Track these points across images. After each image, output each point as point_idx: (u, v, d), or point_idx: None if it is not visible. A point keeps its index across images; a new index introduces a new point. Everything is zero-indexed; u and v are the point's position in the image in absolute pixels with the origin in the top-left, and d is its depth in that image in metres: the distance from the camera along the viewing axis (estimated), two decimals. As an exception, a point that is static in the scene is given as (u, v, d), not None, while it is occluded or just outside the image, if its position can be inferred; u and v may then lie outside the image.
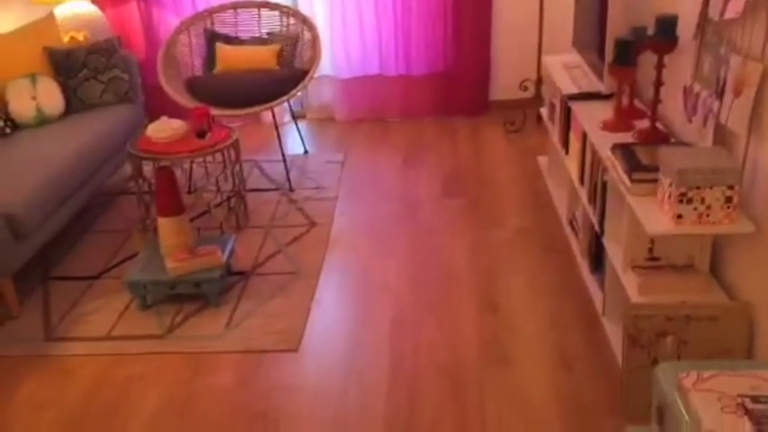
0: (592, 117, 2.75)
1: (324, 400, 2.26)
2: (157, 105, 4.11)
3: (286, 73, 3.79)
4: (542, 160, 3.88)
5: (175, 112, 3.51)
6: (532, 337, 2.52)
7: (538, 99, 4.39)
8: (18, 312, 2.76)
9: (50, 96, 3.48)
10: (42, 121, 3.45)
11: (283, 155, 3.85)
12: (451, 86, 4.59)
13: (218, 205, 3.54)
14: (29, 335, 2.64)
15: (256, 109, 3.64)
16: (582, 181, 2.82)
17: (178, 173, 3.74)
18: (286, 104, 4.39)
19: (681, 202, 1.94)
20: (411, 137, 4.40)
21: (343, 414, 2.21)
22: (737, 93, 1.98)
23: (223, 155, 3.23)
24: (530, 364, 2.38)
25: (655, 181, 2.11)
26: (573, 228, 3.11)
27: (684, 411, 1.41)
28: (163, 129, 3.11)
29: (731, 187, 1.91)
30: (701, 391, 1.41)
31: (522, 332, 2.55)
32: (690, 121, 2.33)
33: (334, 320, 2.67)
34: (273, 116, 3.89)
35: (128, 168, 3.68)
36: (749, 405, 1.36)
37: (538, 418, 2.14)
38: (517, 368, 2.37)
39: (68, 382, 2.40)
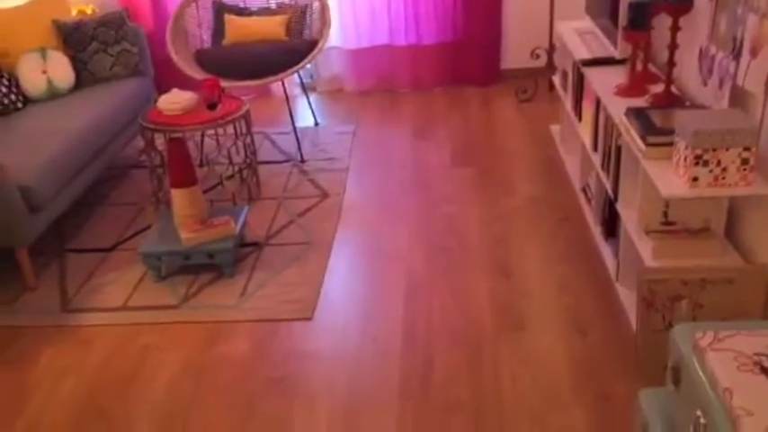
0: (605, 82, 2.72)
1: (339, 366, 2.28)
2: (167, 78, 4.12)
3: (295, 44, 3.76)
4: (555, 129, 3.85)
5: (185, 84, 3.50)
6: (546, 302, 2.52)
7: (550, 67, 4.34)
8: (35, 284, 2.79)
9: (61, 70, 3.47)
10: (53, 94, 3.46)
11: (294, 126, 3.84)
12: (462, 56, 4.55)
13: (230, 177, 3.54)
14: (46, 306, 2.67)
15: (266, 80, 3.62)
16: (595, 147, 2.80)
17: (190, 146, 3.74)
18: (296, 77, 4.38)
19: (696, 164, 1.92)
20: (421, 107, 4.38)
21: (358, 379, 2.22)
22: (755, 53, 1.95)
23: (234, 126, 3.22)
24: (543, 329, 2.38)
25: (670, 144, 2.09)
26: (586, 195, 3.09)
27: (700, 371, 1.41)
28: (174, 101, 3.11)
29: (747, 149, 1.89)
30: (717, 350, 1.41)
31: (535, 298, 2.55)
32: (705, 83, 2.30)
33: (347, 289, 2.68)
34: (284, 88, 3.87)
35: (140, 142, 3.69)
36: (766, 363, 1.36)
37: (552, 382, 2.15)
38: (531, 333, 2.37)
39: (87, 351, 2.43)
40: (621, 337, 2.32)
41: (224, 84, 3.47)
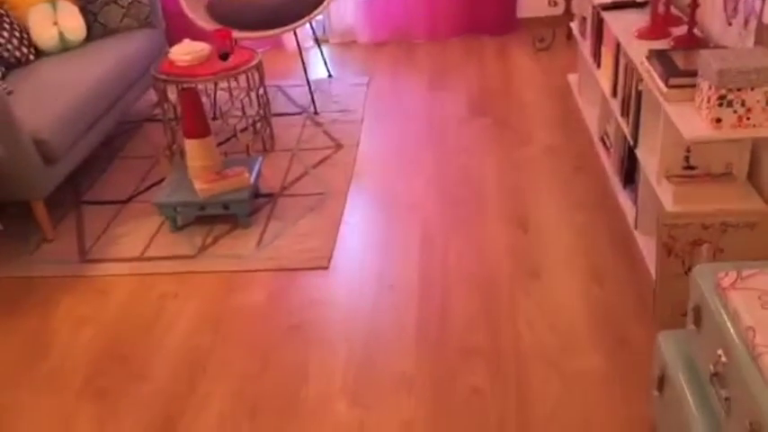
0: (626, 26, 2.65)
1: (356, 313, 2.29)
2: (178, 30, 4.06)
3: (308, -7, 3.69)
4: (572, 78, 3.78)
5: (197, 37, 3.44)
6: (563, 250, 2.50)
7: (568, 15, 4.24)
8: (52, 236, 2.80)
9: (72, 21, 3.43)
10: (65, 46, 3.43)
11: (307, 78, 3.79)
12: (478, 4, 4.46)
13: (243, 130, 3.52)
14: (64, 257, 2.69)
15: (278, 31, 3.57)
16: (614, 93, 2.74)
17: (203, 98, 3.72)
18: (308, 29, 4.32)
19: (720, 105, 1.87)
20: (436, 58, 4.31)
21: (375, 325, 2.23)
22: (783, -12, 1.88)
23: (247, 77, 3.18)
24: (560, 277, 2.37)
25: (692, 86, 2.03)
26: (604, 144, 3.04)
27: (722, 310, 1.39)
28: (186, 51, 3.07)
29: (774, 88, 1.84)
30: (740, 289, 1.39)
31: (552, 246, 2.53)
32: (730, 23, 2.23)
33: (363, 238, 2.67)
34: (296, 38, 3.82)
35: (152, 95, 3.67)
36: (790, 301, 1.34)
37: (568, 328, 2.15)
38: (548, 280, 2.36)
39: (105, 300, 2.45)
40: (639, 284, 2.31)
41: (236, 35, 3.43)
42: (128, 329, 2.31)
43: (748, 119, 1.88)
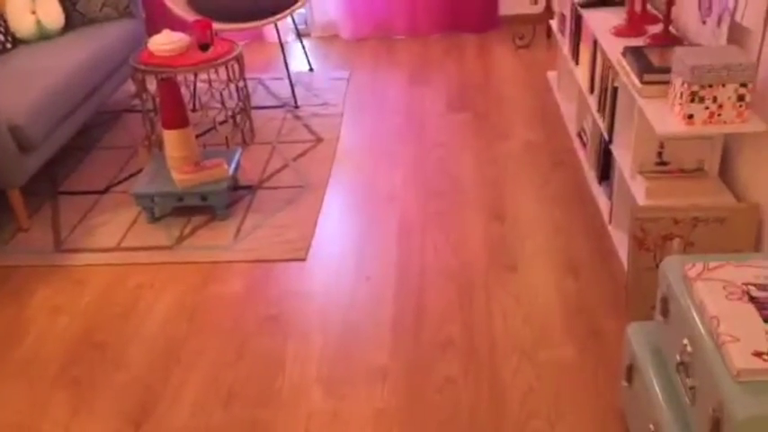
0: (603, 24, 2.68)
1: (333, 305, 2.30)
2: (159, 21, 4.05)
3: (289, -15, 3.69)
4: (552, 75, 3.81)
5: (177, 27, 3.43)
6: (539, 244, 2.53)
7: (548, 13, 4.27)
8: (28, 225, 2.78)
9: (50, 10, 3.40)
10: (43, 35, 3.40)
11: (288, 71, 3.79)
12: (459, 1, 4.47)
13: (223, 122, 3.51)
14: (40, 246, 2.67)
15: (259, 23, 3.56)
16: (591, 89, 2.78)
17: (183, 91, 3.70)
18: (290, 23, 4.31)
19: (692, 101, 1.90)
20: (418, 54, 4.32)
21: (352, 316, 2.24)
22: (755, -13, 1.91)
23: (227, 69, 3.18)
24: (536, 270, 2.40)
25: (666, 83, 2.06)
26: (581, 139, 3.08)
27: (689, 300, 1.42)
28: (165, 42, 3.05)
29: (744, 85, 1.87)
30: (706, 280, 1.42)
31: (528, 240, 2.56)
32: (704, 21, 2.27)
33: (341, 230, 2.68)
34: (277, 31, 3.81)
35: (131, 86, 3.64)
36: (754, 292, 1.37)
37: (542, 320, 2.17)
38: (523, 274, 2.38)
39: (80, 289, 2.44)
40: (613, 278, 2.34)
41: (216, 26, 3.41)
42: (103, 319, 2.30)
43: (719, 115, 1.91)
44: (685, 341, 1.40)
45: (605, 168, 2.68)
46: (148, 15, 3.92)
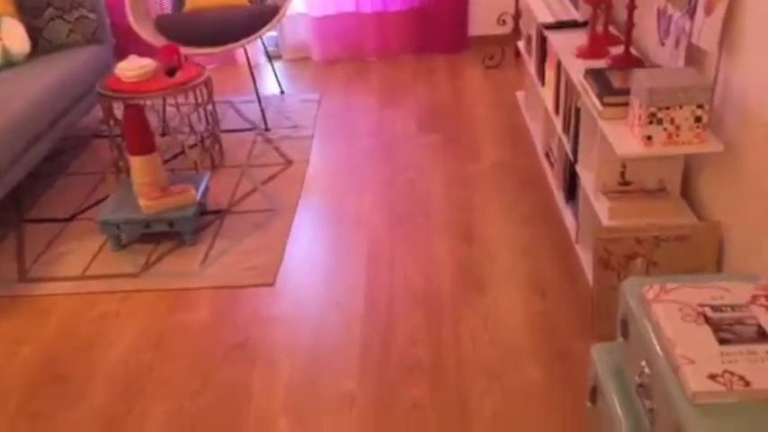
0: (567, 45, 2.71)
1: (301, 331, 2.28)
2: (128, 46, 4.03)
3: (258, 9, 3.70)
4: (520, 95, 3.85)
5: (147, 52, 3.42)
6: (507, 266, 2.53)
7: (516, 33, 4.32)
8: (-9, 255, 2.74)
9: (16, 37, 3.38)
10: (8, 62, 3.37)
11: (258, 94, 3.79)
12: (429, 23, 4.52)
13: (192, 146, 3.49)
14: (3, 276, 2.63)
15: (228, 47, 3.56)
16: (557, 110, 2.80)
17: (151, 115, 3.69)
18: (260, 45, 4.32)
19: (650, 122, 1.93)
20: (388, 75, 4.34)
21: (320, 342, 2.22)
22: (709, 11, 1.95)
23: (195, 93, 3.17)
24: (504, 292, 2.40)
25: (626, 104, 2.09)
26: (549, 159, 3.10)
27: (647, 322, 1.42)
28: (132, 67, 3.04)
29: (701, 106, 1.90)
30: (663, 302, 1.42)
31: (497, 261, 2.56)
32: (663, 43, 2.31)
33: (310, 255, 2.67)
34: (246, 55, 3.82)
35: (100, 111, 3.62)
36: (709, 314, 1.38)
37: (510, 342, 2.17)
38: (492, 295, 2.38)
39: (44, 320, 2.40)
40: (580, 297, 2.35)
41: (185, 51, 3.41)
42: (66, 349, 2.26)
43: (677, 136, 1.94)
44: (643, 363, 1.40)
45: (571, 188, 2.70)
46: (118, 41, 3.91)
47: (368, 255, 2.65)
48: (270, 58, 4.31)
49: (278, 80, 4.25)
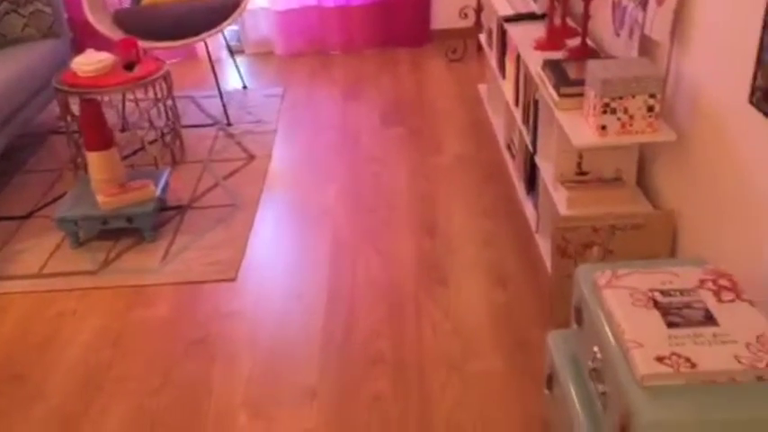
0: (526, 38, 2.73)
1: (263, 325, 2.27)
2: (86, 40, 3.97)
3: (218, 3, 3.66)
4: (482, 88, 3.87)
5: (105, 47, 3.37)
6: (470, 257, 2.55)
7: (478, 26, 4.34)
8: (-55, 254, 2.68)
9: (-32, 32, 3.30)
10: (-40, 57, 3.29)
11: (219, 89, 3.75)
12: (392, 16, 4.52)
13: (152, 142, 3.45)
14: (-43, 276, 2.57)
15: (187, 41, 3.52)
16: (517, 102, 2.82)
17: (111, 111, 3.64)
18: (222, 39, 4.28)
19: (605, 112, 1.95)
20: (352, 69, 4.34)
21: (281, 336, 2.22)
22: (660, 1, 1.98)
23: (154, 88, 3.13)
24: (466, 283, 2.41)
25: (582, 95, 2.11)
26: (510, 151, 3.13)
27: (599, 308, 1.44)
28: (88, 62, 2.99)
29: (653, 96, 1.93)
30: (614, 288, 1.44)
31: (459, 253, 2.57)
32: (617, 34, 2.34)
33: (273, 249, 2.66)
34: (207, 49, 3.78)
35: (57, 107, 3.55)
36: (659, 298, 1.40)
37: (471, 332, 2.19)
38: (454, 287, 2.40)
39: (0, 318, 2.35)
40: (540, 287, 2.37)
41: (145, 45, 3.37)
42: (23, 348, 2.22)
43: (631, 125, 1.97)
44: (596, 348, 1.42)
45: (532, 179, 2.72)
46: (75, 35, 3.84)
47: (331, 248, 2.64)
48: (232, 52, 4.27)
49: (240, 75, 4.22)
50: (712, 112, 1.79)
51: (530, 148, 2.60)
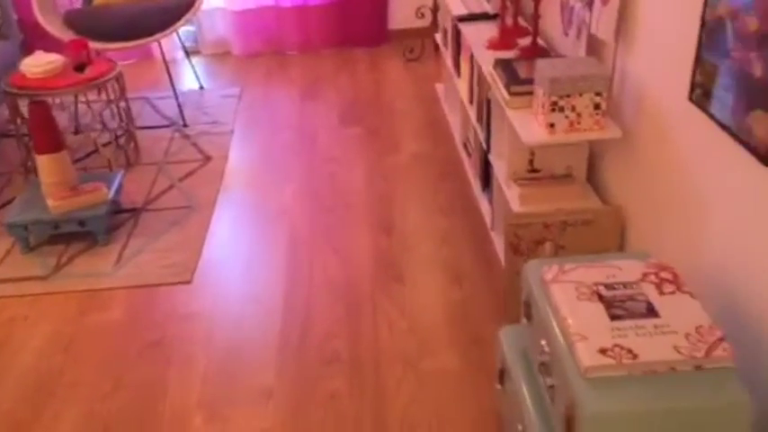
0: (479, 37, 2.76)
1: (219, 327, 2.26)
2: (35, 42, 3.88)
3: (171, 3, 3.62)
4: (439, 87, 3.90)
5: (55, 48, 3.30)
6: (425, 255, 2.57)
7: (434, 26, 4.37)
8: None
9: None
10: None
11: (174, 90, 3.72)
12: (350, 16, 4.52)
13: (106, 144, 3.40)
14: None
15: (140, 42, 3.48)
16: (471, 101, 2.85)
17: (64, 113, 3.57)
18: (177, 40, 4.23)
19: (553, 110, 1.99)
20: (309, 69, 4.33)
21: (237, 338, 2.21)
22: (605, 1, 2.02)
23: (106, 89, 3.08)
24: (422, 281, 2.43)
25: (531, 93, 2.14)
26: (466, 149, 3.16)
27: (546, 303, 1.47)
28: (38, 63, 2.94)
29: (599, 94, 1.97)
30: (560, 282, 1.47)
31: (416, 251, 2.59)
32: (566, 34, 2.38)
33: (229, 250, 2.64)
34: (161, 50, 3.73)
35: (6, 110, 3.48)
36: (603, 292, 1.43)
37: (427, 330, 2.21)
38: (410, 285, 2.41)
39: (-54, 327, 2.30)
40: (494, 284, 2.40)
41: (97, 46, 3.32)
42: (-29, 357, 2.18)
43: (579, 123, 2.00)
44: (544, 342, 1.45)
45: (487, 177, 2.75)
46: (25, 37, 3.76)
47: (288, 248, 2.64)
48: (187, 53, 4.23)
49: (197, 75, 4.18)
50: (655, 110, 1.84)
51: (484, 146, 2.63)
